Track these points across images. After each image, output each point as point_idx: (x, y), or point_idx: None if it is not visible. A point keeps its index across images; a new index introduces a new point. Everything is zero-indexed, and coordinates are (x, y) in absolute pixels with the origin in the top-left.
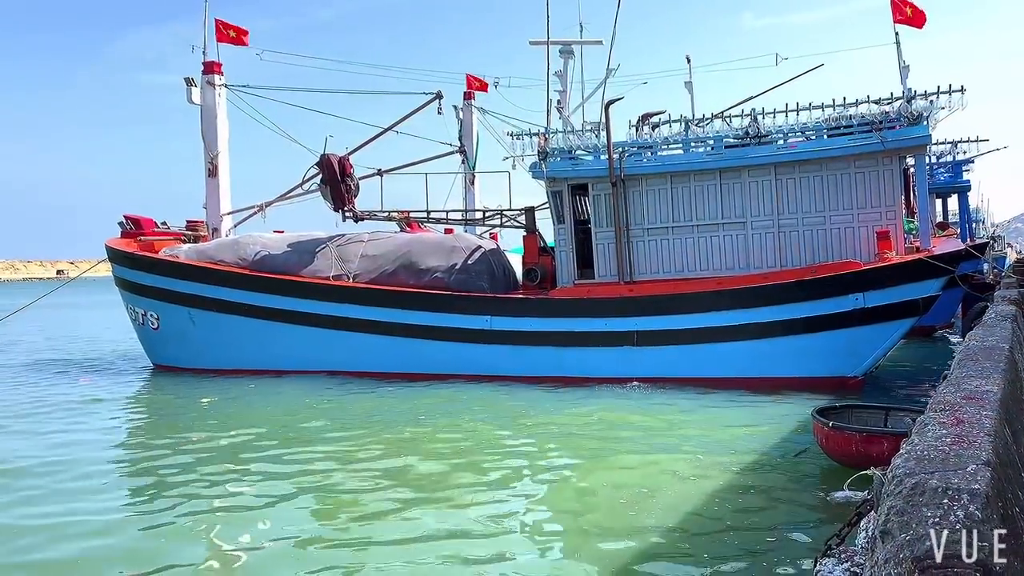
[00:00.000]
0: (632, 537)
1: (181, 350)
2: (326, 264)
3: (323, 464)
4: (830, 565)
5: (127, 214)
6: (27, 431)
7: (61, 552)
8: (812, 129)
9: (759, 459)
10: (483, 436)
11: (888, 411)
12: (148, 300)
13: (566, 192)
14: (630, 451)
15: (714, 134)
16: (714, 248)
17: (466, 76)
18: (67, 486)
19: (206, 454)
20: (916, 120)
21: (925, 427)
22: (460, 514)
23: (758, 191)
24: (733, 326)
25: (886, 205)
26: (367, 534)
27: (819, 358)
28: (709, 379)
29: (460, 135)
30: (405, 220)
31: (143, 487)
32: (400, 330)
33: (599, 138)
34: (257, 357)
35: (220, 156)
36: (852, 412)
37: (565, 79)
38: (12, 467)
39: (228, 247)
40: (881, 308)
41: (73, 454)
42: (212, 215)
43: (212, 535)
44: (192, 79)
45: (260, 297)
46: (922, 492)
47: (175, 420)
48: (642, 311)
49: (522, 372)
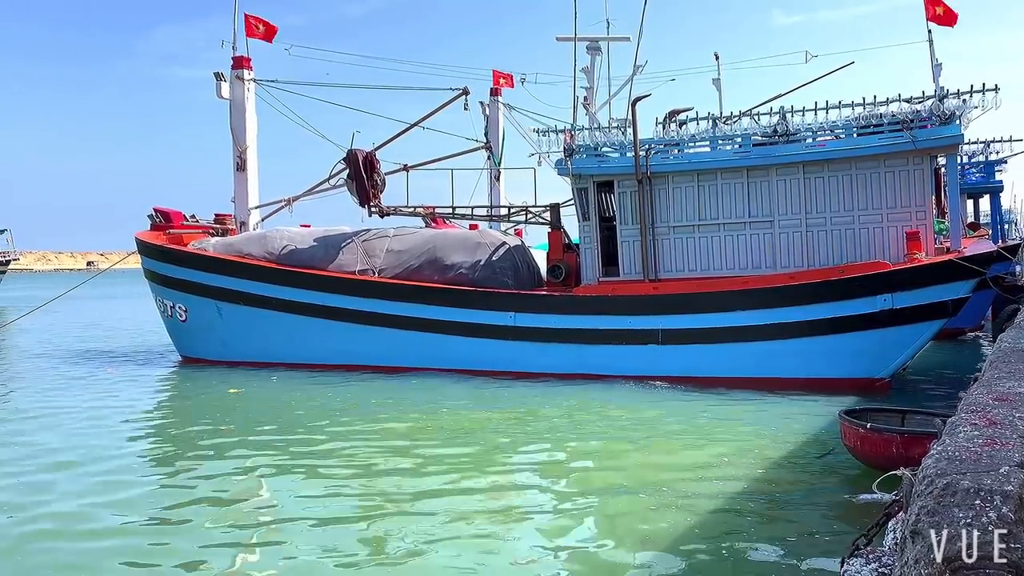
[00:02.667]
0: (655, 535)
1: (208, 342)
2: (352, 259)
3: (345, 450)
4: (857, 565)
5: (157, 207)
6: (56, 419)
7: (89, 534)
8: (842, 128)
9: (783, 459)
10: (504, 431)
11: (904, 413)
12: (176, 292)
13: (591, 189)
14: (653, 449)
15: (742, 132)
16: (740, 247)
17: (492, 72)
18: (89, 469)
19: (233, 441)
20: (948, 119)
21: (956, 428)
22: (491, 505)
23: (786, 190)
24: (759, 326)
25: (916, 205)
26: (405, 524)
27: (846, 359)
28: (734, 379)
29: (486, 131)
30: (430, 216)
31: (168, 473)
32: (424, 325)
33: (625, 135)
34: (283, 350)
35: (248, 150)
36: (869, 415)
37: (592, 75)
38: (37, 454)
39: (255, 241)
40: (909, 309)
41: (98, 442)
42: (240, 209)
43: (241, 527)
44: (222, 74)
45: (286, 291)
46: (954, 493)
47: (201, 409)
48: (667, 309)
49: (545, 369)
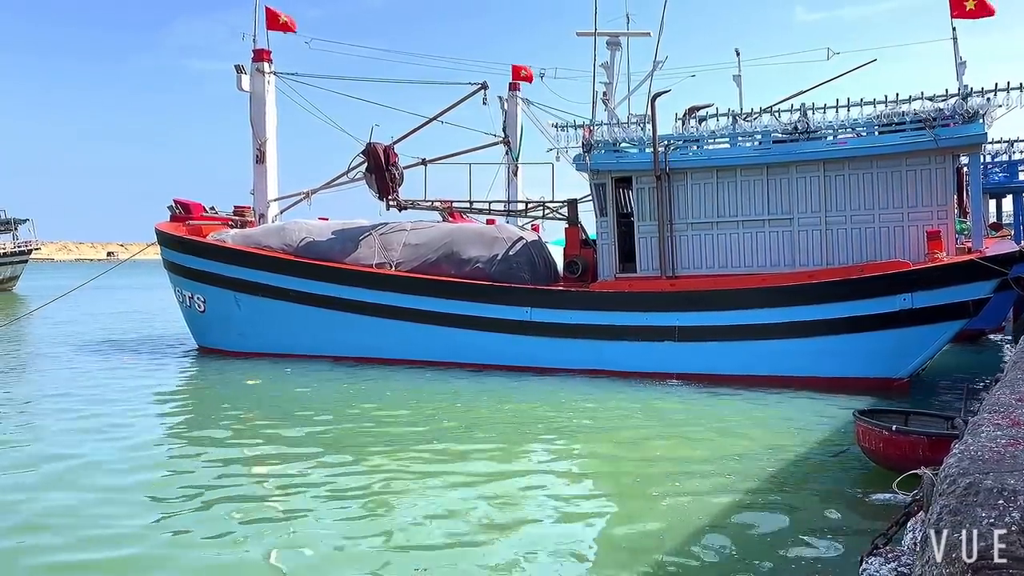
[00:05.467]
0: (669, 532)
1: (226, 333)
2: (369, 252)
3: (365, 443)
4: (876, 564)
5: (177, 199)
6: (73, 407)
7: (109, 530)
8: (863, 125)
9: (797, 458)
10: (519, 424)
11: (908, 415)
12: (195, 283)
13: (609, 185)
14: (667, 447)
15: (762, 128)
16: (759, 244)
17: (511, 67)
18: (107, 458)
19: (249, 432)
20: (972, 118)
21: (979, 428)
22: (509, 496)
23: (806, 187)
24: (776, 324)
25: (937, 204)
26: (423, 516)
27: (864, 359)
28: (750, 377)
29: (504, 126)
30: (448, 210)
31: (185, 457)
32: (440, 319)
33: (644, 131)
34: (300, 342)
35: (268, 143)
36: (875, 416)
37: (611, 71)
38: (52, 443)
39: (274, 233)
40: (929, 309)
41: (117, 432)
42: (259, 201)
43: (261, 518)
44: (242, 67)
45: (304, 283)
46: (976, 492)
47: (219, 400)
48: (684, 306)
49: (561, 364)
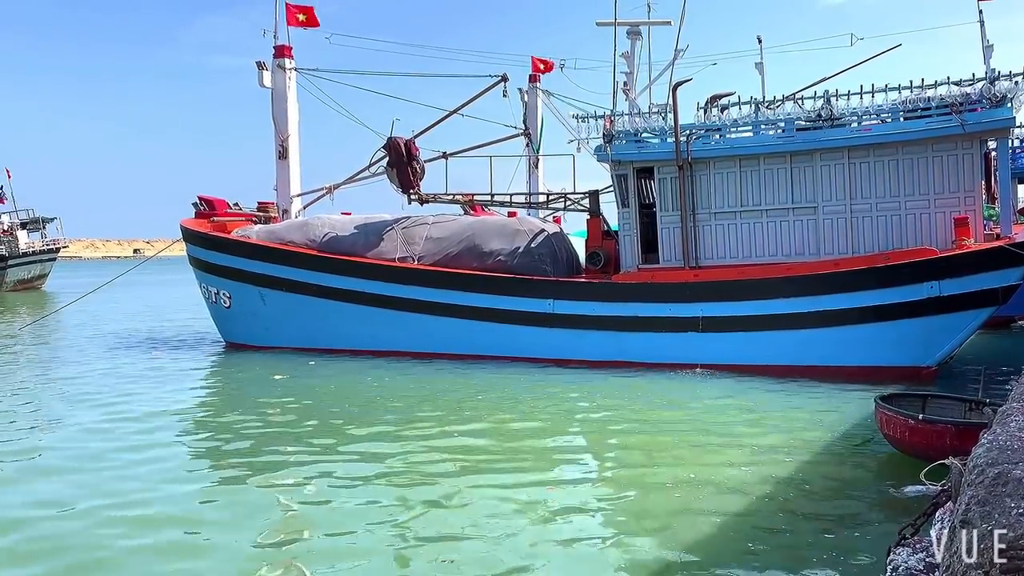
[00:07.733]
0: (697, 523)
1: (252, 328)
2: (391, 246)
3: (393, 437)
4: (904, 555)
5: (201, 195)
6: (102, 400)
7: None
8: (888, 111)
9: (824, 447)
10: (546, 418)
11: (926, 398)
12: (220, 279)
13: (631, 175)
14: (691, 436)
15: (785, 116)
16: (783, 233)
17: (531, 58)
18: (136, 454)
19: (277, 426)
20: (999, 102)
21: (1008, 417)
22: (530, 490)
23: (830, 175)
24: (801, 313)
25: (965, 190)
26: (449, 507)
27: (891, 347)
28: (775, 367)
29: (525, 118)
30: (469, 203)
31: (214, 455)
32: (463, 312)
33: (666, 120)
34: (324, 336)
35: (290, 139)
36: (893, 401)
37: (632, 60)
38: (82, 437)
39: (297, 228)
40: (957, 297)
41: (146, 424)
42: (282, 197)
43: (288, 508)
44: (263, 63)
45: (327, 278)
46: (1005, 482)
47: (246, 394)
48: (708, 296)
49: (584, 356)
